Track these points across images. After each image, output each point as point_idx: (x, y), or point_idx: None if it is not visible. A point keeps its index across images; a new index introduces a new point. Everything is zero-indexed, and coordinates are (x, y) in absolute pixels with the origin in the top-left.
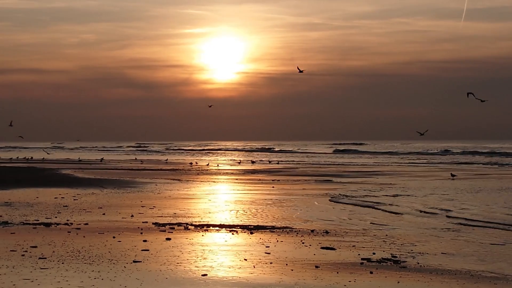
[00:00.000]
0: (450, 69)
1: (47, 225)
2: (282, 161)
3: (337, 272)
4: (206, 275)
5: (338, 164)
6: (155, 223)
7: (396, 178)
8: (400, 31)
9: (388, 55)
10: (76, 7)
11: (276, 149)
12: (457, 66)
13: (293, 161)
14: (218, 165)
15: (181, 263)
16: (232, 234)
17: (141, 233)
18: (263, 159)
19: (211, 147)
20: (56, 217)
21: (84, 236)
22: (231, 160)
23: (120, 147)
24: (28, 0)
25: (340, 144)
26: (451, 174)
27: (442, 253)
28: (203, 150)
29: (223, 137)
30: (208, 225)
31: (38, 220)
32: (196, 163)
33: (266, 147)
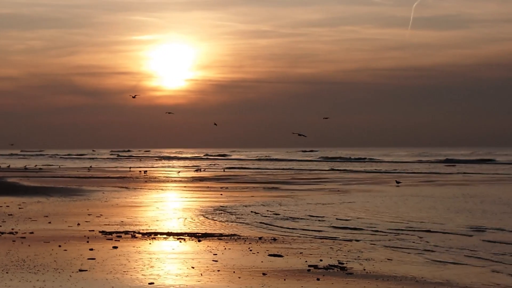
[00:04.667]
0: (398, 76)
1: None
2: (235, 167)
3: (284, 279)
4: (153, 283)
5: (290, 171)
6: (102, 232)
7: (343, 185)
8: (348, 39)
9: (336, 62)
10: (23, 13)
11: (232, 156)
12: (404, 73)
13: (247, 167)
14: (179, 172)
15: (127, 271)
16: (180, 242)
17: (88, 242)
18: (217, 165)
19: (163, 155)
20: (0, 226)
21: (29, 245)
22: (182, 167)
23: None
24: None
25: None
26: (396, 181)
27: (388, 259)
28: (152, 157)
29: (172, 145)
30: (156, 233)
31: None
32: (145, 172)
33: (219, 153)
